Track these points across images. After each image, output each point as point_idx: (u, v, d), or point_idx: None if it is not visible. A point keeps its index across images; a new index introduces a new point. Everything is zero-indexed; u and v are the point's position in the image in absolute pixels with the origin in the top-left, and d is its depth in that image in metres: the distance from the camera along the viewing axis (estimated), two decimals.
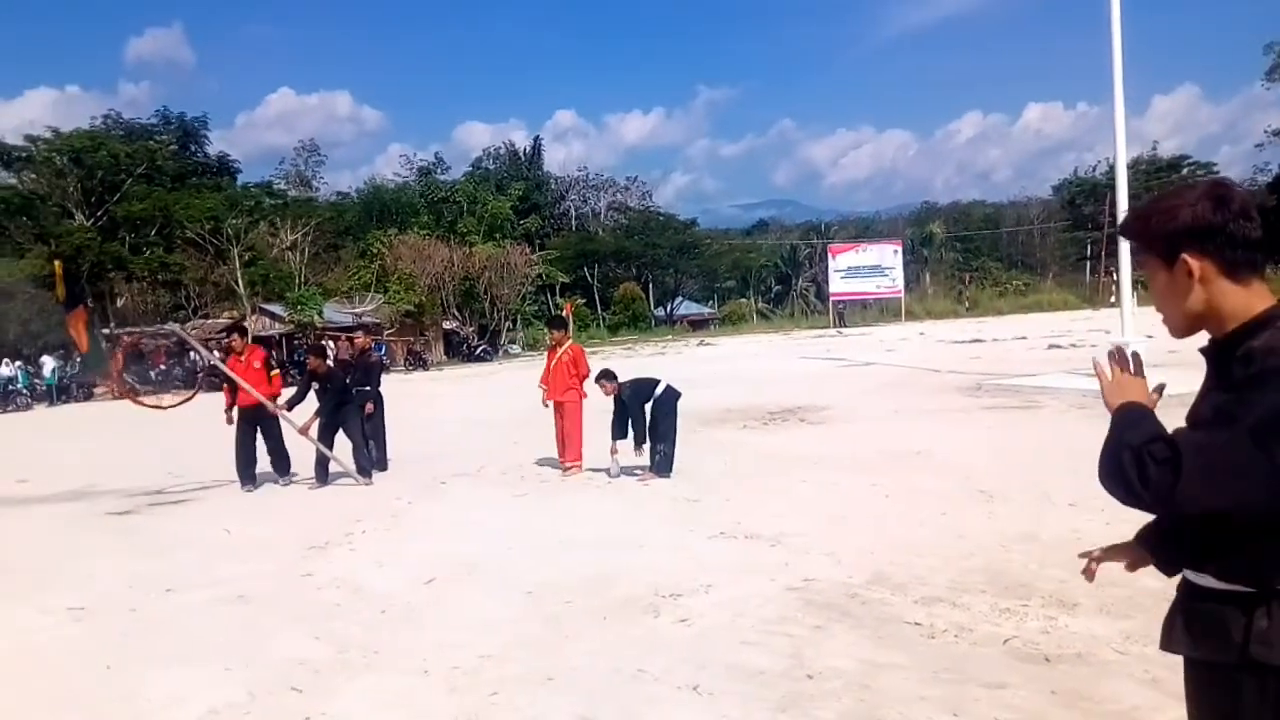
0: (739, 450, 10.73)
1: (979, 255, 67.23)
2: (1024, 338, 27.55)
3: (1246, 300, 1.72)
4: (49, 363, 32.02)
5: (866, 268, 49.65)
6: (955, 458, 9.32)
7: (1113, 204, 26.30)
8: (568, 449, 9.89)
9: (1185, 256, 1.73)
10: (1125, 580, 5.13)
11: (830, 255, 51.44)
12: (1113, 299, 36.40)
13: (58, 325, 34.71)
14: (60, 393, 31.13)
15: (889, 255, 50.53)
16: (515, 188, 57.44)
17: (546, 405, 10.22)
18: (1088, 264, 62.59)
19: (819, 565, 5.87)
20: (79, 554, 7.64)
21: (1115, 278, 20.77)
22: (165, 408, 12.11)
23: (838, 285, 49.82)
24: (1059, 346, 23.08)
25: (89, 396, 31.49)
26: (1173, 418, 1.82)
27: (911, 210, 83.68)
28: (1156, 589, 4.95)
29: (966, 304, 51.97)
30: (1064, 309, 46.92)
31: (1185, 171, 63.43)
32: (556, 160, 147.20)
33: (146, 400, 12.56)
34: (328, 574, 6.42)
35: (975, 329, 34.38)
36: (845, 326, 45.87)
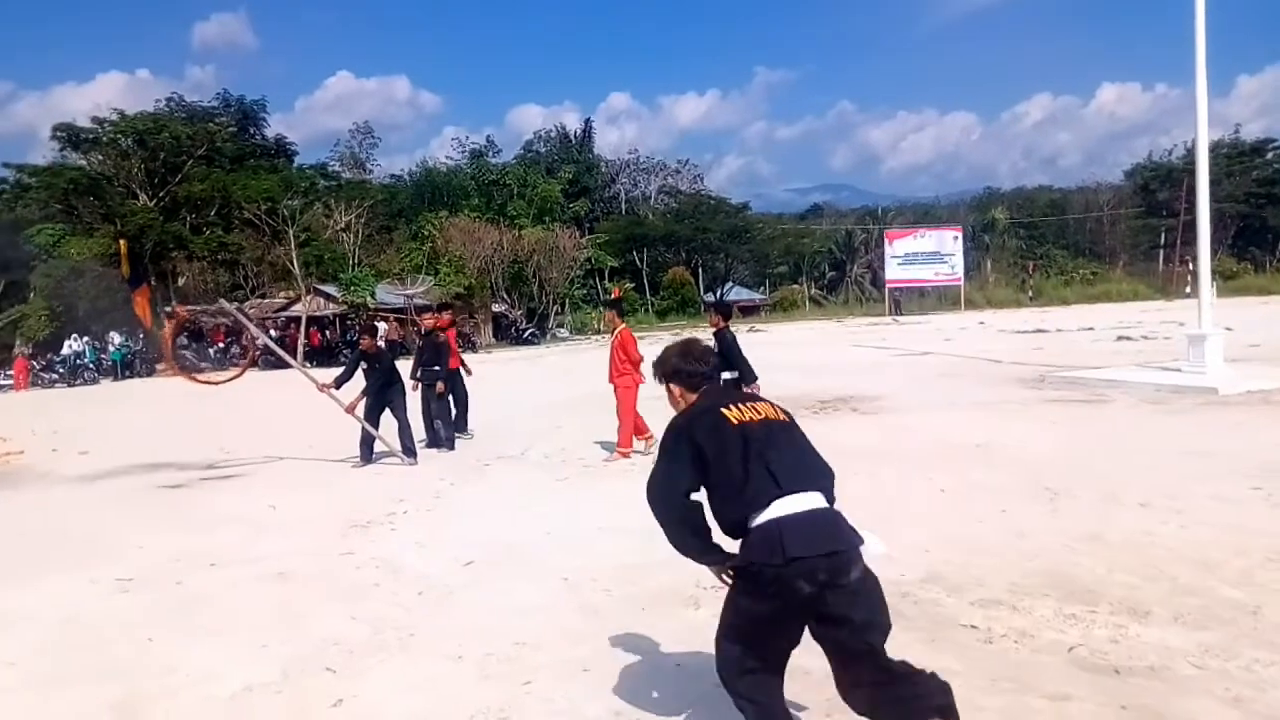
0: None
1: (1044, 242, 65.28)
2: (1090, 329, 26.65)
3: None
4: (115, 338, 32.82)
5: (925, 254, 48.58)
6: (1016, 452, 8.96)
7: (1191, 190, 25.27)
8: (621, 435, 9.73)
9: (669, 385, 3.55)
10: (1202, 588, 4.87)
11: (887, 241, 50.46)
12: (1188, 290, 35.27)
13: (124, 303, 35.65)
14: (125, 368, 31.89)
15: (949, 241, 49.33)
16: (565, 171, 57.34)
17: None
18: (1161, 253, 60.60)
19: (871, 562, 5.61)
20: (131, 526, 7.71)
21: (1192, 267, 19.97)
22: (217, 384, 12.26)
23: (894, 272, 48.90)
24: (1129, 339, 22.31)
25: (151, 372, 32.21)
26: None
27: (973, 196, 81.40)
28: (1236, 599, 4.66)
29: (1030, 293, 50.50)
30: (1134, 299, 45.50)
31: (1270, 155, 61.25)
32: (608, 143, 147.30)
33: (199, 376, 12.71)
34: (368, 553, 6.38)
35: (1039, 319, 33.42)
36: (901, 314, 45.02)
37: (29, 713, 4.10)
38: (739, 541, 3.08)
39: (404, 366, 11.21)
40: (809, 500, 3.10)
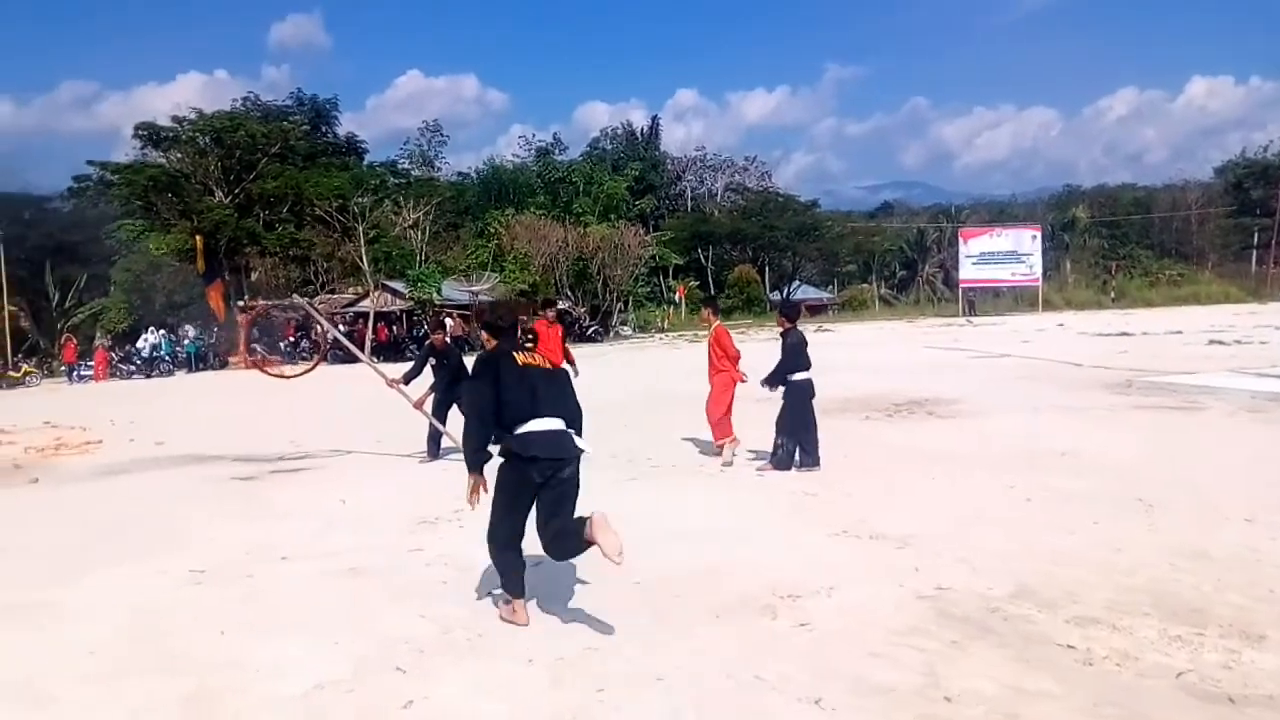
0: (861, 443, 10.19)
1: (1127, 242, 63.15)
2: (1179, 332, 25.71)
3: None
4: (190, 332, 33.68)
5: (1001, 253, 47.40)
6: (1105, 460, 8.59)
7: None
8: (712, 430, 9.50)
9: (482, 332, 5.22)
10: None
11: (961, 240, 49.30)
12: None
13: (199, 297, 36.60)
14: (199, 360, 32.70)
15: (1026, 241, 48.04)
16: (632, 168, 57.20)
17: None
18: (1254, 253, 58.35)
19: (953, 572, 5.39)
20: (203, 518, 7.78)
21: None
22: (288, 377, 12.41)
23: (969, 271, 47.78)
24: (1221, 343, 21.44)
25: (224, 365, 33.01)
26: None
27: (1052, 194, 79.01)
28: None
29: (1112, 294, 48.95)
30: (1224, 302, 43.90)
31: None
32: (675, 140, 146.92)
33: (271, 369, 12.91)
34: (436, 550, 6.33)
35: (1122, 321, 32.33)
36: (975, 315, 43.96)
37: (103, 702, 4.10)
38: (509, 435, 4.76)
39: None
40: (554, 424, 4.85)
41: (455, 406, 10.06)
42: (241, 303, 37.05)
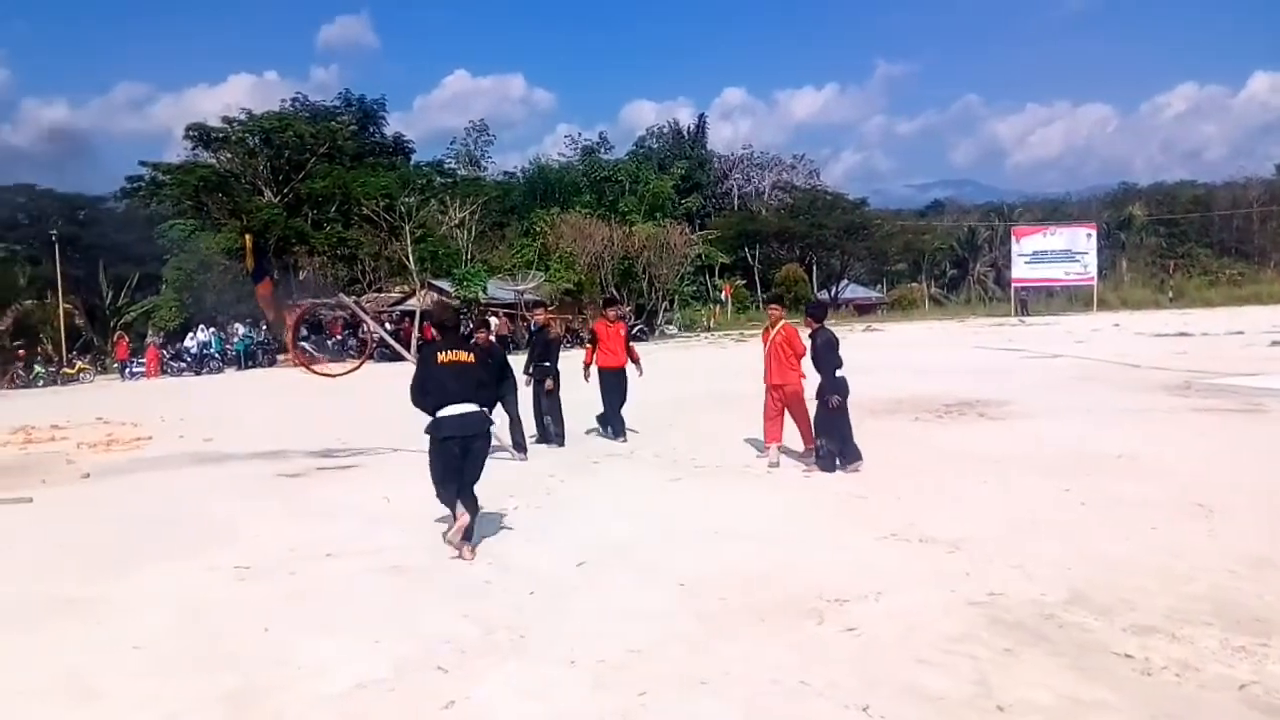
0: (910, 444, 10.02)
1: (1185, 241, 61.64)
2: (1240, 332, 24.97)
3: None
4: (239, 330, 34.22)
5: (1055, 252, 46.38)
6: (1163, 464, 8.36)
7: None
8: (802, 436, 9.13)
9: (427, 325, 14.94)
10: None
11: (1014, 238, 48.32)
12: None
13: (248, 295, 37.20)
14: (248, 358, 33.18)
15: (1081, 239, 46.95)
16: (678, 166, 56.98)
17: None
18: None
19: (1006, 578, 5.25)
20: (250, 514, 7.84)
21: None
22: (334, 375, 12.51)
23: (1021, 270, 46.89)
24: None
25: (273, 363, 33.47)
26: None
27: (1107, 191, 77.35)
28: None
29: (1170, 294, 47.73)
30: None
31: None
32: (722, 138, 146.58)
33: (317, 367, 13.00)
34: (479, 549, 6.31)
35: (1180, 321, 31.45)
36: (1028, 315, 43.16)
37: (148, 698, 4.13)
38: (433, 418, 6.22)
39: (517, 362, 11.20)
40: (464, 408, 6.19)
41: (499, 405, 10.07)
42: (290, 301, 37.58)
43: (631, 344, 11.15)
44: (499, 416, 10.02)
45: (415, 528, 7.02)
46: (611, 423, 10.94)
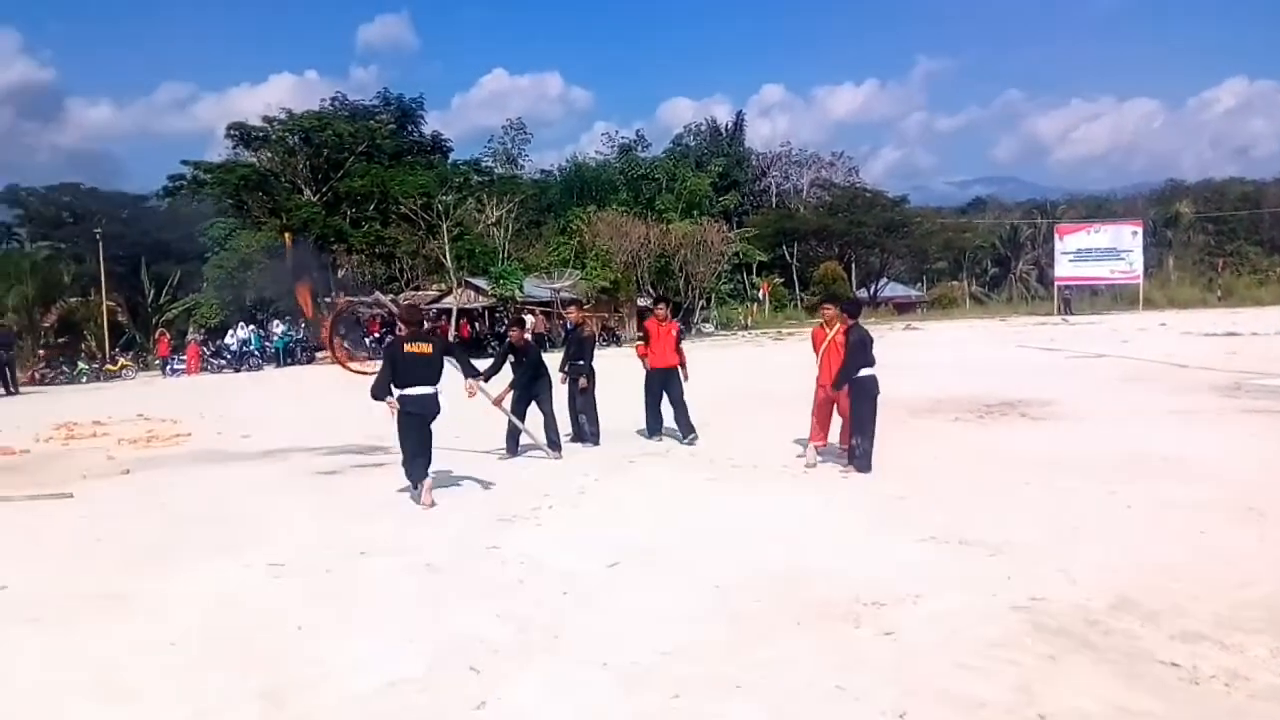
0: (951, 445, 9.88)
1: (1234, 238, 60.37)
2: None
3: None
4: (278, 327, 34.56)
5: (1099, 250, 45.59)
6: (1213, 466, 8.13)
7: None
8: (842, 434, 9.02)
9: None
10: None
11: (1057, 236, 47.67)
12: None
13: (287, 293, 37.54)
14: (287, 355, 33.39)
15: (1126, 237, 46.05)
16: (715, 164, 56.63)
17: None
18: None
19: (1049, 582, 5.13)
20: (286, 511, 7.89)
21: None
22: (371, 373, 12.52)
23: (1065, 269, 46.19)
24: None
25: (311, 360, 33.73)
26: None
27: (1153, 188, 75.95)
28: None
29: (1218, 292, 46.77)
30: None
31: None
32: (760, 136, 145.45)
33: (355, 365, 13.04)
34: (513, 548, 6.28)
35: (1229, 320, 30.67)
36: (1071, 314, 42.51)
37: (181, 695, 4.14)
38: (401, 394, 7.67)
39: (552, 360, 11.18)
40: (424, 390, 7.68)
41: (534, 403, 10.07)
42: (328, 299, 37.91)
43: (681, 348, 10.77)
44: (534, 415, 10.06)
45: (449, 526, 7.03)
46: (647, 423, 10.85)
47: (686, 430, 10.46)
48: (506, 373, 10.26)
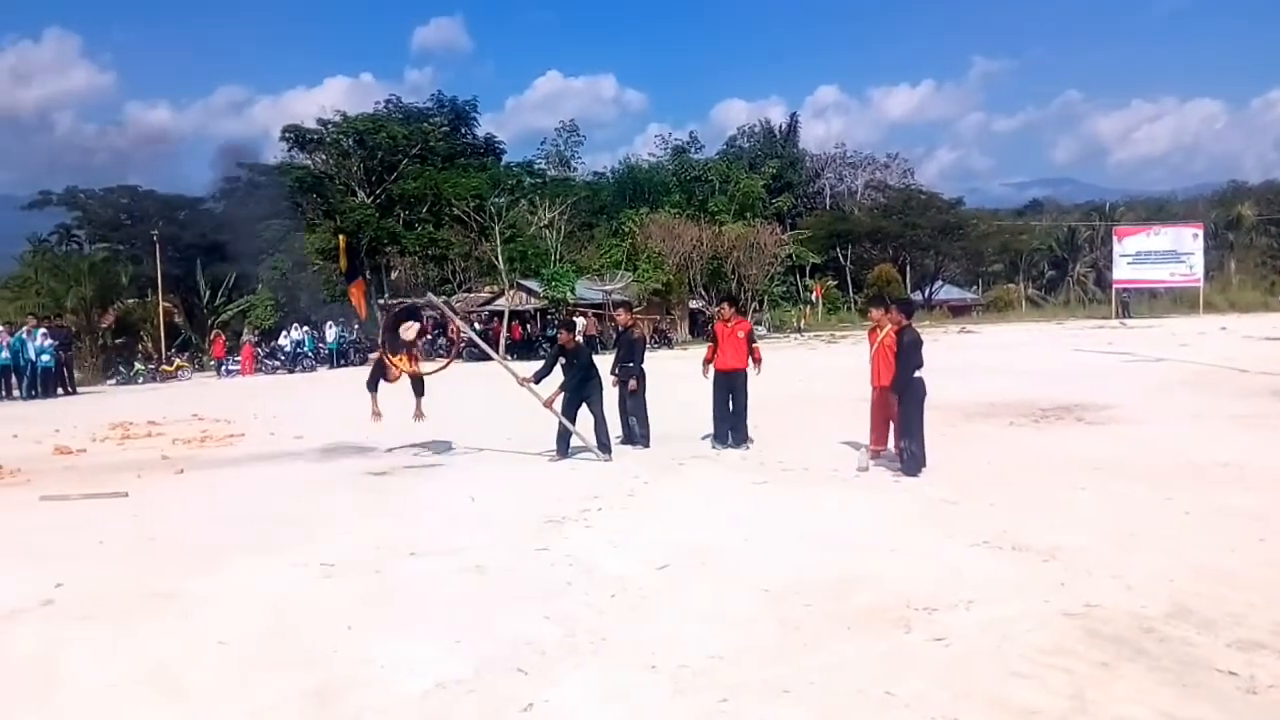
0: (1005, 449, 9.75)
1: None
2: None
3: None
4: (332, 329, 34.91)
5: (1159, 253, 44.62)
6: (1273, 474, 7.96)
7: None
8: (894, 436, 8.98)
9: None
10: None
11: (1115, 238, 46.67)
12: None
13: (341, 295, 37.86)
14: (340, 356, 33.63)
15: (1187, 239, 44.99)
16: (769, 166, 56.28)
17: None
18: None
19: (1104, 589, 5.06)
20: (337, 511, 7.96)
21: None
22: (423, 374, 12.56)
23: (1123, 271, 45.24)
24: None
25: (364, 361, 34.09)
26: None
27: (1215, 190, 74.16)
28: None
29: None
30: None
31: None
32: (814, 137, 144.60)
33: (422, 366, 13.00)
34: (562, 550, 6.32)
35: None
36: (1129, 317, 41.63)
37: (230, 693, 4.20)
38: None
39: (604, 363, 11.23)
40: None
41: (585, 405, 10.14)
42: (381, 301, 38.34)
43: (755, 345, 10.58)
44: (584, 417, 10.13)
45: (498, 528, 7.07)
46: (715, 429, 10.57)
47: (741, 438, 10.42)
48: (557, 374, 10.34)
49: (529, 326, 37.96)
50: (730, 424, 10.44)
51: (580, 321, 34.55)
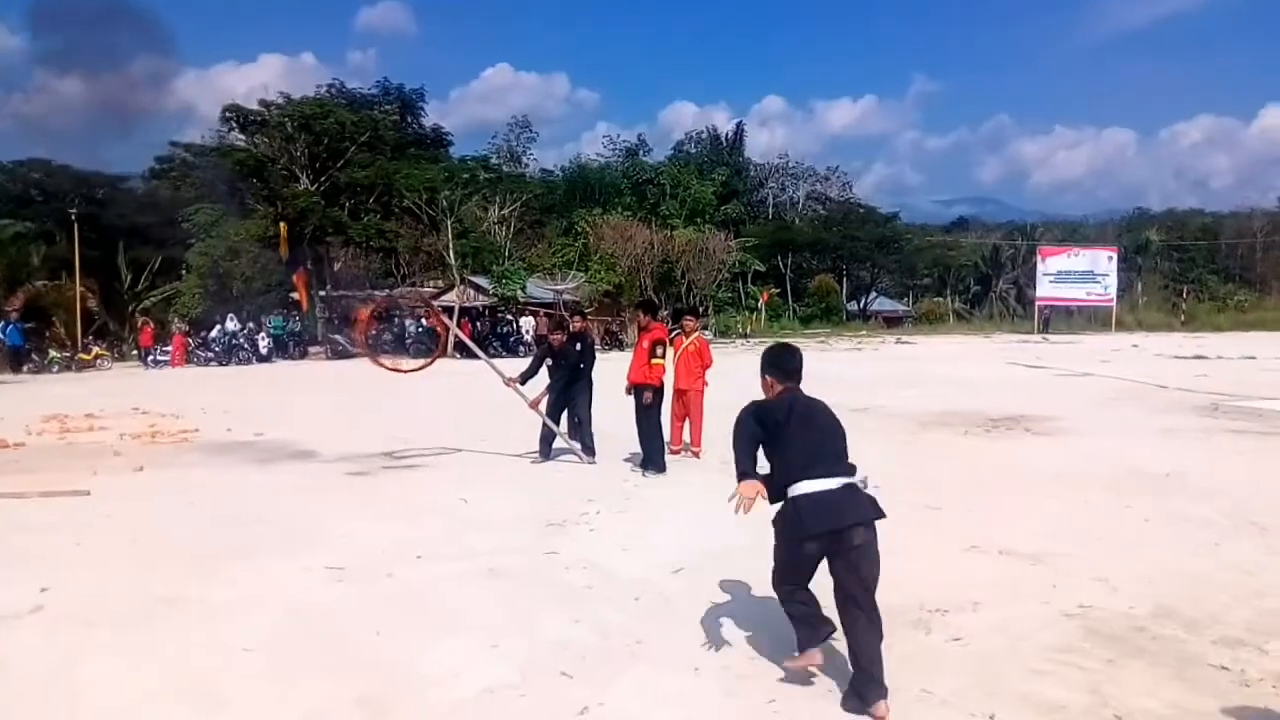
0: (967, 457, 10.27)
1: (1195, 267, 62.21)
2: (1252, 357, 25.64)
3: None
4: (269, 320, 33.58)
5: (1078, 273, 47.68)
6: (1211, 483, 8.64)
7: None
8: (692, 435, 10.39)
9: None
10: None
11: (1040, 258, 49.43)
12: None
13: (277, 284, 36.29)
14: (279, 349, 32.58)
15: (1103, 261, 48.36)
16: (718, 173, 56.39)
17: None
18: None
19: (1092, 591, 5.46)
20: (328, 513, 7.78)
21: None
22: (404, 371, 12.40)
23: (1046, 289, 47.97)
24: None
25: (304, 354, 33.02)
26: None
27: (1121, 215, 78.49)
28: None
29: (1182, 317, 48.45)
30: None
31: None
32: (758, 145, 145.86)
33: (386, 362, 12.87)
34: (572, 554, 6.40)
35: (1194, 344, 31.92)
36: (1049, 332, 43.62)
37: (276, 703, 4.12)
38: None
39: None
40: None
41: (570, 408, 10.15)
42: (323, 293, 37.28)
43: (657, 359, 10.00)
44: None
45: (501, 531, 7.07)
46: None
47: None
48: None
49: (479, 324, 37.49)
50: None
51: (530, 321, 34.44)
